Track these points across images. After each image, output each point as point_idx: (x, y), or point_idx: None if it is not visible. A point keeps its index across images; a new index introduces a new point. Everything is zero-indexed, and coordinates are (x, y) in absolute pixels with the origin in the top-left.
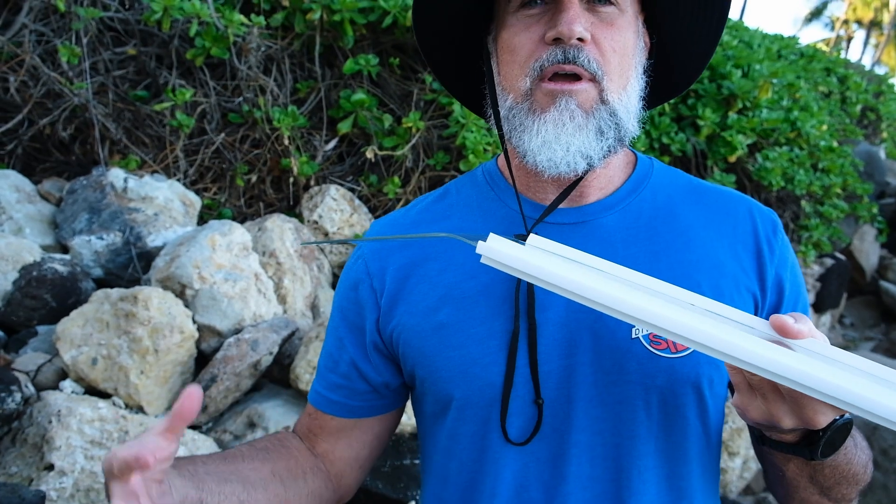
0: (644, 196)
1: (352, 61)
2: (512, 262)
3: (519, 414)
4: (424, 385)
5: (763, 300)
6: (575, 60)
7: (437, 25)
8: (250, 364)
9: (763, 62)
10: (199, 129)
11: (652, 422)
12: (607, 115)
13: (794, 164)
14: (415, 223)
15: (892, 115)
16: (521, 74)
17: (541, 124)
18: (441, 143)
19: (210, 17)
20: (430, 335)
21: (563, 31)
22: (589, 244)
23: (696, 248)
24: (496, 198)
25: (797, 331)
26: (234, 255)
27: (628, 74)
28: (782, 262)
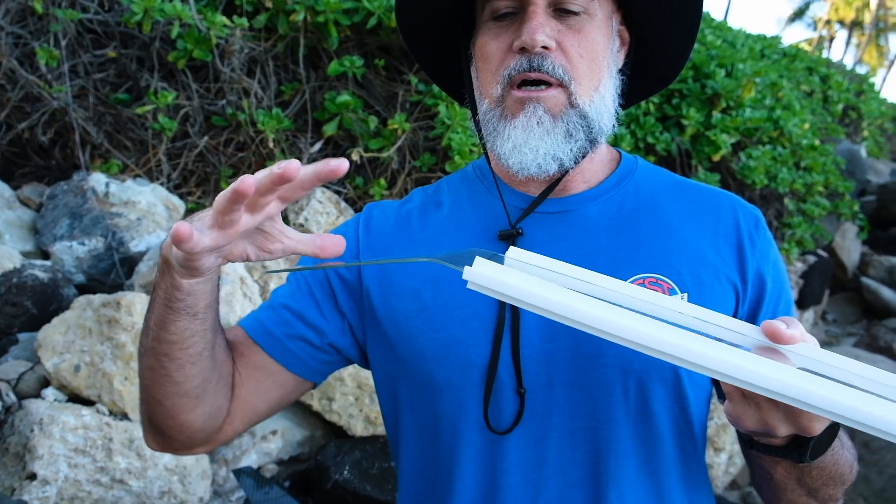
0: (627, 189)
1: (336, 63)
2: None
3: (500, 402)
4: (406, 367)
5: (744, 292)
6: (540, 68)
7: (423, 31)
8: None
9: (746, 62)
10: (182, 133)
11: (630, 405)
12: (577, 118)
13: (777, 163)
14: (408, 214)
15: (873, 113)
16: (493, 81)
17: (511, 129)
18: (427, 144)
19: (192, 18)
20: (414, 317)
21: (526, 40)
22: (571, 232)
23: (677, 238)
24: (485, 190)
25: (790, 336)
26: None
27: (600, 76)
28: (763, 257)
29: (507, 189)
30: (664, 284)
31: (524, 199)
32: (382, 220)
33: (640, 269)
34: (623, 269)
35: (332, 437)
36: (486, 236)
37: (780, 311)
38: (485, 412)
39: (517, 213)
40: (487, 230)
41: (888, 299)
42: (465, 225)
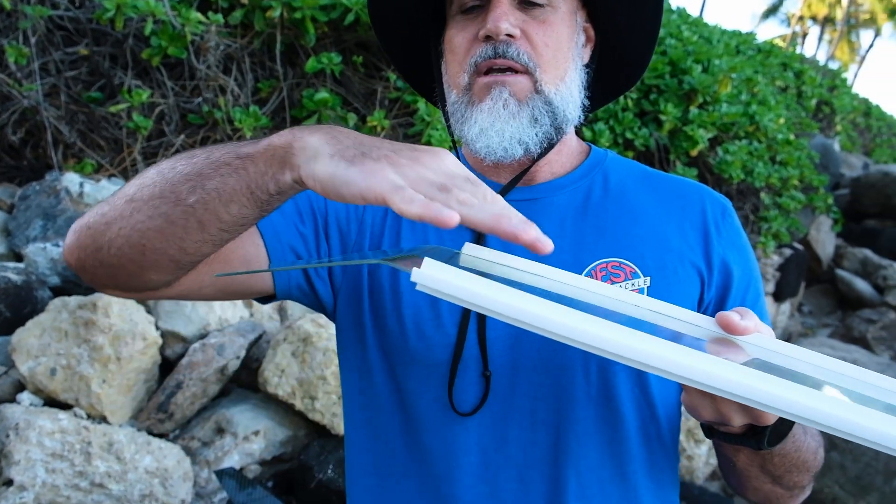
0: (595, 178)
1: (314, 60)
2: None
3: (465, 384)
4: (375, 338)
5: (709, 278)
6: (505, 54)
7: (396, 28)
8: (217, 369)
9: (722, 57)
10: (158, 131)
11: (591, 386)
12: (542, 104)
13: (753, 157)
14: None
15: (846, 108)
16: (460, 71)
17: (477, 113)
18: (407, 141)
19: (165, 15)
20: (389, 294)
21: (490, 28)
22: (538, 219)
23: (642, 223)
24: None
25: (743, 327)
26: None
27: (565, 66)
28: (730, 245)
29: (479, 175)
30: (626, 268)
31: (494, 186)
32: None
33: (604, 254)
34: (587, 254)
35: (316, 437)
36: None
37: (748, 300)
38: (449, 394)
39: None
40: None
41: (861, 290)
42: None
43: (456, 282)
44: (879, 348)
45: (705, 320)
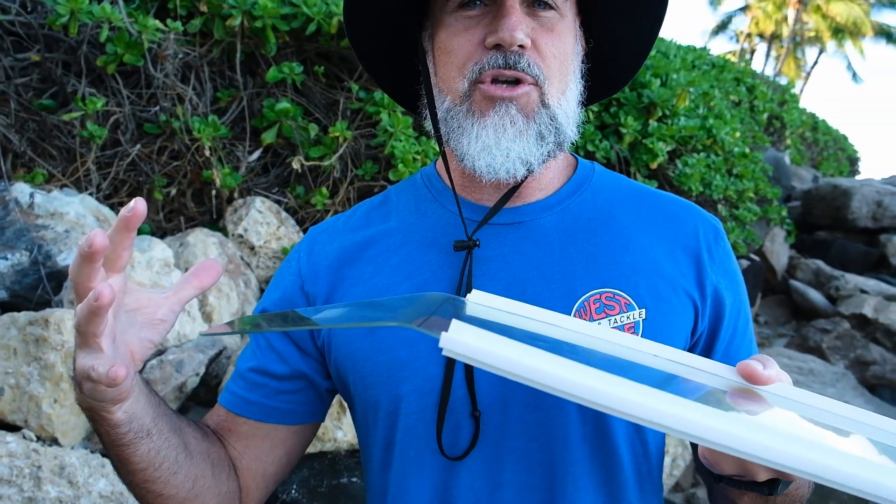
0: (584, 198)
1: (275, 69)
2: (480, 357)
3: (454, 426)
4: (354, 392)
5: (703, 306)
6: (516, 66)
7: (369, 20)
8: (175, 387)
9: (680, 72)
10: (113, 141)
11: (587, 426)
12: (548, 120)
13: (710, 170)
14: (354, 229)
15: (795, 122)
16: (458, 76)
17: (480, 128)
18: (369, 152)
19: (122, 21)
20: (360, 339)
21: (504, 37)
22: (526, 244)
23: (634, 249)
24: (433, 200)
25: (766, 377)
26: (154, 272)
27: (567, 79)
28: (723, 271)
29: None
30: (621, 300)
31: (475, 209)
32: (327, 243)
33: (596, 284)
34: (578, 283)
35: None
36: (437, 248)
37: (739, 328)
38: (438, 438)
39: (470, 225)
40: (436, 243)
41: (815, 301)
42: (413, 238)
43: (489, 348)
44: (834, 357)
45: (725, 369)
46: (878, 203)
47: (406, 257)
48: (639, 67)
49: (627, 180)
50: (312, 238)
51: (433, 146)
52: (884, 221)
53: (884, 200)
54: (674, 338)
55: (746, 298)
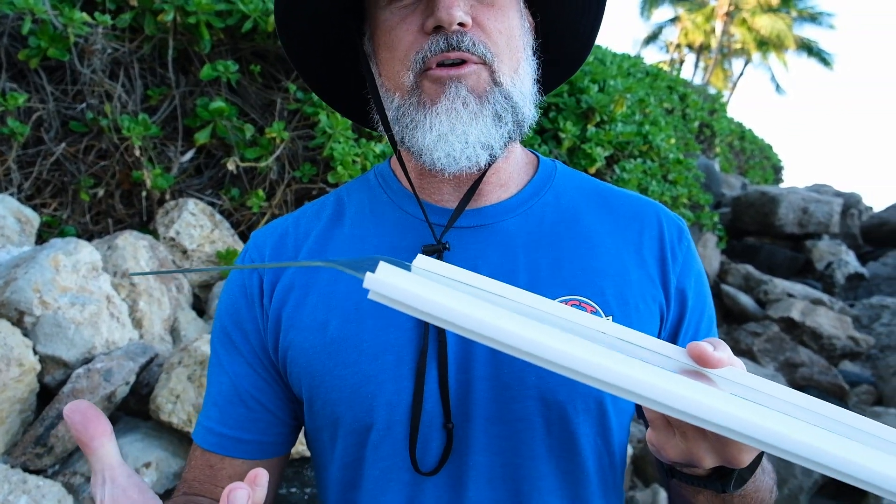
0: (547, 199)
1: (209, 67)
2: (406, 299)
3: (423, 439)
4: (314, 408)
5: (667, 309)
6: (459, 46)
7: (305, 34)
8: (104, 397)
9: (617, 78)
10: (36, 139)
11: (553, 439)
12: (502, 98)
13: (647, 176)
14: (305, 233)
15: (724, 131)
16: (402, 69)
17: (433, 117)
18: (307, 154)
19: (46, 13)
20: (319, 353)
21: (441, 16)
22: (489, 249)
23: (601, 254)
24: (390, 201)
25: (717, 359)
26: (81, 276)
27: (518, 56)
28: (686, 271)
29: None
30: (588, 308)
31: (434, 210)
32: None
33: (563, 291)
34: (545, 289)
35: None
36: (398, 255)
37: (702, 329)
38: (411, 453)
39: (438, 232)
40: (396, 249)
41: (745, 305)
42: (370, 244)
43: (417, 290)
44: (765, 360)
45: (674, 350)
46: (804, 210)
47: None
48: (592, 43)
49: (590, 179)
50: (261, 243)
51: (373, 148)
52: (809, 228)
53: (809, 207)
54: None
55: (710, 300)
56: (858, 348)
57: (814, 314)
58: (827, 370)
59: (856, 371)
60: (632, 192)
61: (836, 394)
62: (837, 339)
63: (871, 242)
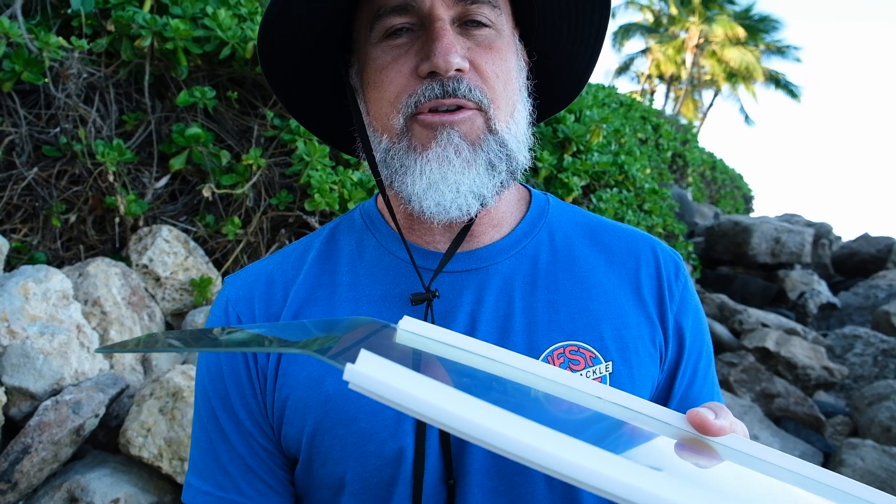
0: (541, 238)
1: (186, 93)
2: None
3: (425, 496)
4: (312, 466)
5: (666, 349)
6: (455, 92)
7: (290, 62)
8: (72, 430)
9: (593, 108)
10: (7, 163)
11: (554, 494)
12: (497, 146)
13: (623, 205)
14: (292, 278)
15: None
16: (392, 111)
17: (423, 164)
18: (284, 181)
19: (21, 37)
20: (316, 409)
21: (439, 63)
22: (484, 292)
23: (598, 296)
24: (378, 245)
25: (719, 428)
26: (51, 304)
27: (514, 99)
28: (683, 308)
29: (411, 246)
30: (586, 353)
31: (425, 254)
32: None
33: (561, 336)
34: (541, 336)
35: None
36: (390, 302)
37: (699, 369)
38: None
39: (424, 274)
40: (388, 296)
41: (720, 335)
42: (362, 291)
43: (399, 384)
44: (741, 391)
45: (674, 417)
46: (776, 240)
47: (355, 314)
48: (588, 76)
49: (584, 213)
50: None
51: (350, 176)
52: (781, 257)
53: (781, 237)
54: (641, 390)
55: (708, 335)
56: (833, 378)
57: (788, 344)
58: (803, 401)
59: (830, 402)
60: (626, 225)
61: (812, 425)
62: (812, 370)
63: (841, 272)
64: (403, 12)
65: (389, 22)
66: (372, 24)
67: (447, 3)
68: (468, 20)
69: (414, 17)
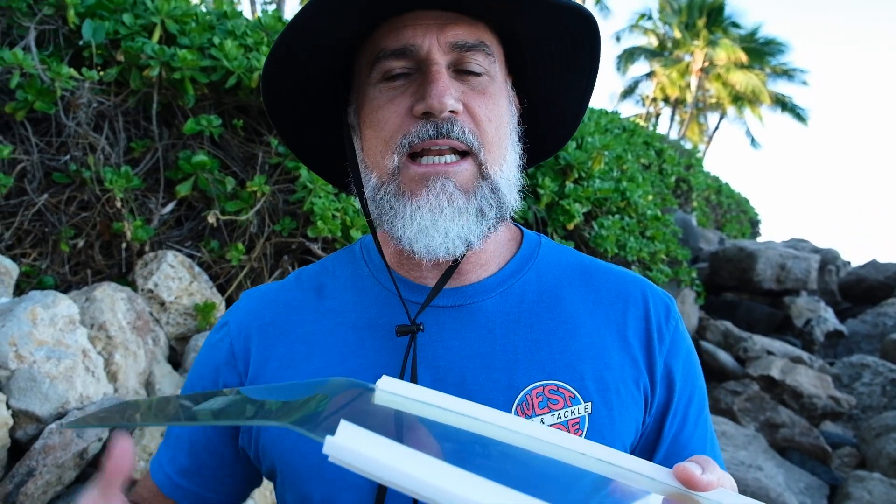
0: (528, 278)
1: (192, 121)
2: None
3: None
4: (284, 484)
5: (652, 394)
6: (448, 134)
7: (290, 97)
8: (76, 453)
9: (595, 135)
10: (19, 189)
11: None
12: (489, 192)
13: (625, 232)
14: (288, 303)
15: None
16: (387, 151)
17: (414, 210)
18: (288, 208)
19: (34, 68)
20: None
21: (433, 104)
22: (467, 328)
23: (580, 336)
24: (371, 275)
25: (706, 483)
26: (58, 329)
27: (505, 144)
28: (673, 352)
29: (399, 278)
30: (565, 393)
31: (414, 288)
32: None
33: (541, 375)
34: (521, 374)
35: None
36: (375, 331)
37: (690, 416)
38: None
39: (411, 307)
40: (373, 325)
41: (724, 362)
42: (349, 318)
43: (377, 456)
44: (745, 420)
45: (660, 472)
46: (782, 266)
47: (341, 339)
48: (578, 122)
49: (576, 254)
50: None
51: (353, 203)
52: (787, 284)
53: (787, 263)
54: (622, 433)
55: (702, 384)
56: (840, 408)
57: (794, 372)
58: (808, 431)
59: (837, 432)
60: (619, 268)
61: (818, 456)
62: (818, 399)
63: (849, 299)
64: (402, 56)
65: (389, 65)
66: (372, 65)
67: (444, 49)
68: (463, 67)
69: (412, 61)
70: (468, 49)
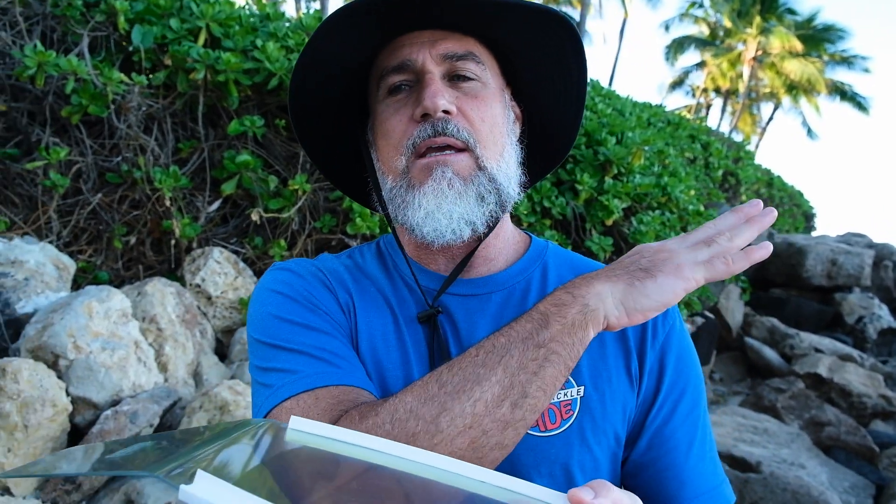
0: (534, 276)
1: (237, 122)
2: None
3: None
4: None
5: (640, 383)
6: (444, 132)
7: (319, 128)
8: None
9: (635, 130)
10: (75, 189)
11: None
12: (486, 181)
13: (665, 227)
14: (346, 271)
15: (750, 179)
16: (396, 154)
17: (420, 196)
18: (328, 205)
19: (87, 74)
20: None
21: (427, 104)
22: (478, 318)
23: None
24: (395, 265)
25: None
26: (112, 322)
27: (502, 142)
28: (667, 347)
29: (418, 268)
30: None
31: (431, 276)
32: (334, 266)
33: None
34: None
35: None
36: (399, 320)
37: (680, 410)
38: None
39: (428, 294)
40: (395, 314)
41: (770, 359)
42: (382, 305)
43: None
44: (789, 417)
45: (556, 497)
46: (833, 262)
47: (390, 323)
48: (577, 125)
49: (580, 258)
50: (315, 261)
51: None
52: (838, 280)
53: (838, 259)
54: (612, 418)
55: (700, 387)
56: (891, 408)
57: (842, 371)
58: (855, 430)
59: (888, 432)
60: None
61: (865, 455)
62: (868, 398)
63: None
64: (402, 70)
65: (391, 80)
66: (378, 84)
67: (436, 60)
68: (456, 75)
69: (410, 73)
70: (458, 59)
